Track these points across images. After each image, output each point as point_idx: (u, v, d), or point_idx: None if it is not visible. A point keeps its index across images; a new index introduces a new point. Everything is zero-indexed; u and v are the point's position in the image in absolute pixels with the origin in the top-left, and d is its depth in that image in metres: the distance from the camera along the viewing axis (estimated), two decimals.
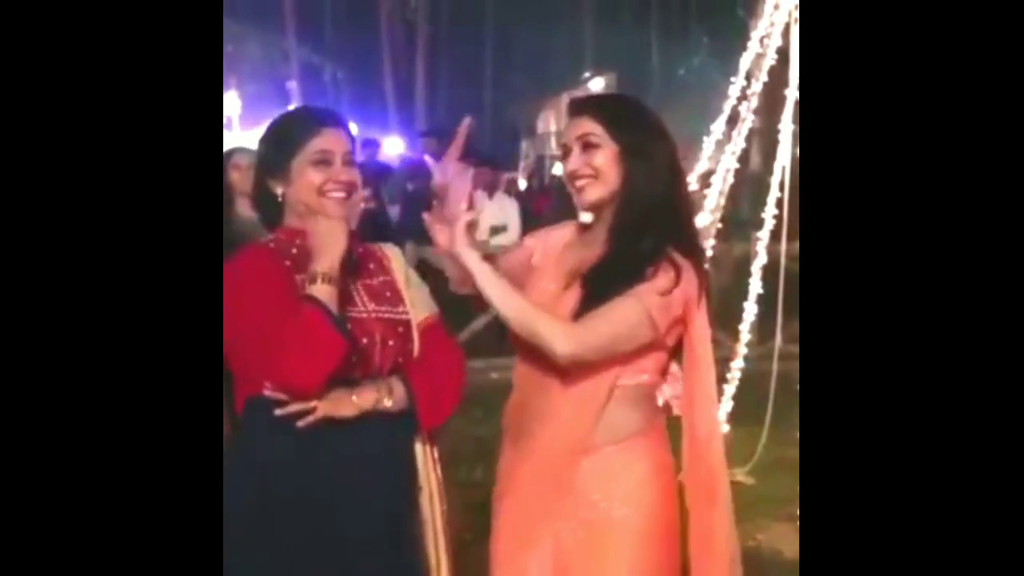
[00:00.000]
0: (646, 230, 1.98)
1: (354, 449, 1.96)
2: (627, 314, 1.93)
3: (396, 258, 2.19)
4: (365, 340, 1.99)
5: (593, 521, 2.02)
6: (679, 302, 1.97)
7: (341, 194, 2.02)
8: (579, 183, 2.04)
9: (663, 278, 1.95)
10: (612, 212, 2.04)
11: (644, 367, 2.03)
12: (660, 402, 2.08)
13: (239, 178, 4.09)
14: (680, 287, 1.96)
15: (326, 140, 2.03)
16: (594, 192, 2.03)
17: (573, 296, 2.01)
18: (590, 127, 2.03)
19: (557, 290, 2.07)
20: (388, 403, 1.97)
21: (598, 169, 2.02)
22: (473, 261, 1.94)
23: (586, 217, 2.15)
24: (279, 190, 2.04)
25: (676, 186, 2.07)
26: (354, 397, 1.94)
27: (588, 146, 2.02)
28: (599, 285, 1.97)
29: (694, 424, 2.08)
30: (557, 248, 2.17)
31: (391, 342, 2.03)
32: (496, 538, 2.12)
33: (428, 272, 2.41)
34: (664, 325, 1.97)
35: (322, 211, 1.99)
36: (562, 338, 1.91)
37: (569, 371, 1.99)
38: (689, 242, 2.05)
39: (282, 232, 2.06)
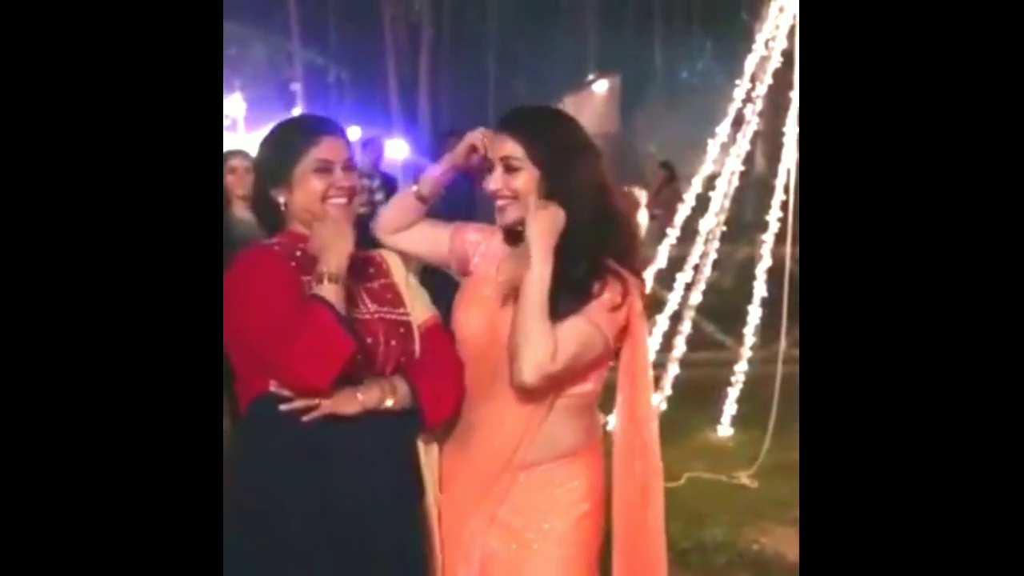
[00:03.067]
0: (579, 252, 1.97)
1: (358, 448, 1.97)
2: (582, 336, 1.94)
3: (395, 263, 2.20)
4: (369, 340, 2.00)
5: (525, 533, 2.03)
6: (625, 313, 1.99)
7: (343, 200, 2.04)
8: (500, 203, 2.04)
9: (611, 292, 1.96)
10: None
11: (588, 376, 2.03)
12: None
13: (234, 181, 4.12)
14: (627, 300, 1.97)
15: (325, 149, 2.04)
16: (514, 213, 2.02)
17: (510, 313, 1.98)
18: (511, 149, 2.00)
19: (496, 304, 2.05)
20: (390, 402, 1.98)
21: (518, 191, 2.01)
22: (542, 245, 1.93)
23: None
24: (281, 199, 2.06)
25: (604, 200, 2.03)
26: (359, 395, 1.95)
27: (509, 168, 2.01)
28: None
29: (633, 430, 2.09)
30: (498, 256, 2.13)
31: (393, 342, 2.04)
32: (440, 544, 2.10)
33: (429, 278, 2.41)
34: (613, 338, 1.99)
35: (324, 216, 2.02)
36: (536, 371, 1.90)
37: (505, 383, 1.98)
38: (627, 251, 2.05)
39: (285, 236, 2.07)
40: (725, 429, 5.37)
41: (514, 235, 2.08)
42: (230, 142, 9.63)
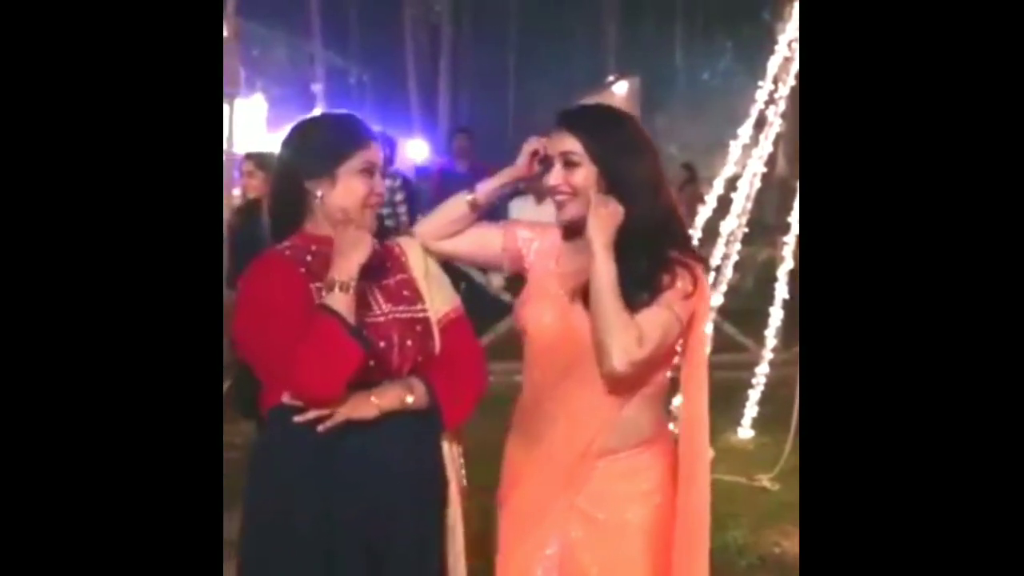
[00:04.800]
0: (639, 247, 2.00)
1: (379, 451, 1.97)
2: (662, 322, 1.98)
3: (413, 251, 2.18)
4: (383, 344, 1.99)
5: (605, 523, 2.05)
6: (695, 301, 2.03)
7: (378, 205, 2.08)
8: (558, 199, 2.07)
9: (682, 281, 2.00)
10: None
11: (662, 364, 2.07)
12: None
13: (255, 185, 4.15)
14: (699, 287, 2.01)
15: (373, 153, 2.07)
16: (572, 210, 2.06)
17: (579, 307, 2.02)
18: (571, 145, 2.04)
19: (565, 299, 2.07)
20: (411, 399, 1.98)
21: (577, 188, 2.04)
22: (604, 239, 1.96)
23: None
24: (318, 192, 2.04)
25: (660, 196, 2.07)
26: (373, 398, 1.95)
27: (569, 164, 2.04)
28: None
29: (699, 415, 2.12)
30: (552, 251, 2.17)
31: (409, 342, 2.04)
32: (503, 539, 2.13)
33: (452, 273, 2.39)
34: (686, 325, 2.03)
35: (359, 221, 2.02)
36: (624, 357, 1.93)
37: (588, 375, 2.00)
38: (686, 243, 2.12)
39: (299, 238, 2.07)
40: (746, 431, 5.34)
41: (571, 230, 2.10)
42: (251, 142, 9.67)
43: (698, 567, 2.09)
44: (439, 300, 2.13)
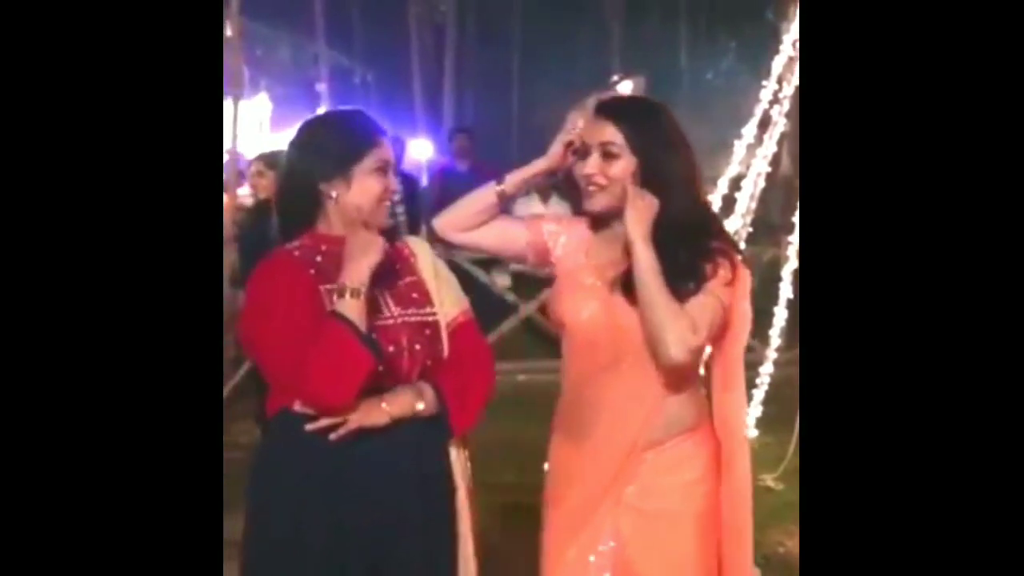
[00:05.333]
0: (676, 240, 2.01)
1: (386, 456, 1.95)
2: (711, 308, 2.01)
3: (423, 252, 2.16)
4: (392, 348, 1.97)
5: (655, 515, 2.06)
6: (734, 289, 2.06)
7: (392, 205, 2.07)
8: (591, 188, 2.06)
9: (723, 269, 2.02)
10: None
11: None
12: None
13: (265, 185, 4.14)
14: (737, 275, 2.04)
15: (385, 150, 2.05)
16: (603, 200, 2.06)
17: (620, 298, 2.03)
18: (612, 135, 2.03)
19: (604, 290, 2.06)
20: (421, 406, 1.97)
21: (613, 179, 2.03)
22: (643, 231, 1.96)
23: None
24: (334, 193, 2.01)
25: (695, 188, 2.10)
26: (384, 404, 1.94)
27: (608, 155, 2.03)
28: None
29: (738, 402, 2.17)
30: (582, 244, 2.16)
31: (418, 346, 2.02)
32: (551, 539, 2.12)
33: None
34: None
35: (374, 220, 2.01)
36: (681, 345, 1.95)
37: (630, 367, 2.02)
38: (721, 232, 2.14)
39: (309, 238, 2.03)
40: (751, 431, 5.34)
41: (598, 220, 2.11)
42: (255, 142, 9.67)
43: (744, 552, 2.12)
44: (448, 302, 2.11)
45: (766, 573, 3.67)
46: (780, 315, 5.48)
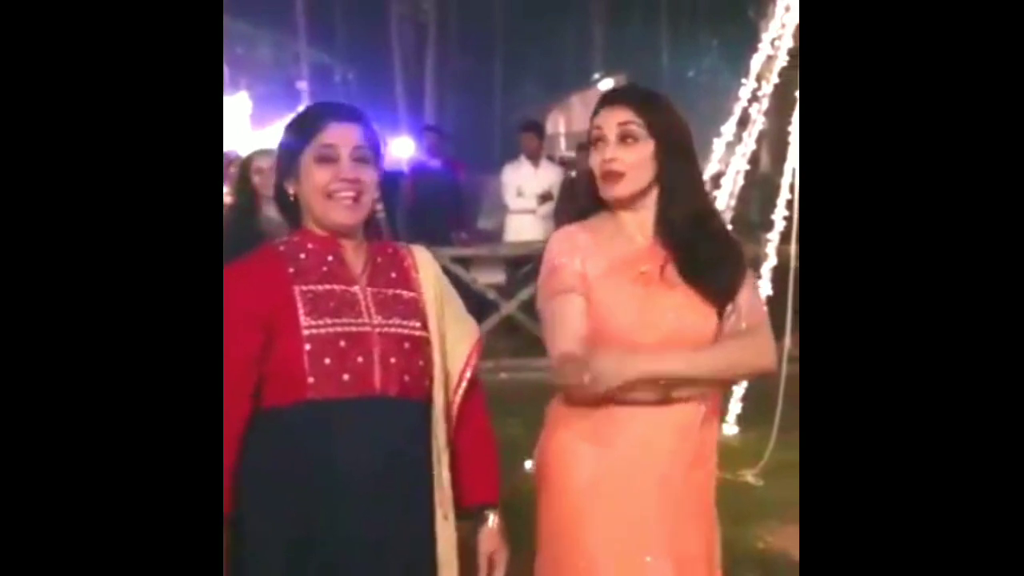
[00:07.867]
0: (709, 234, 2.04)
1: (367, 470, 1.84)
2: (758, 294, 2.13)
3: (426, 267, 2.00)
4: (361, 359, 1.83)
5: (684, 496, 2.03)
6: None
7: (350, 194, 1.85)
8: (612, 174, 2.00)
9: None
10: (658, 207, 2.04)
11: None
12: None
13: (261, 181, 4.09)
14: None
15: (331, 134, 1.87)
16: (626, 186, 2.00)
17: (679, 293, 2.00)
18: (630, 116, 2.00)
19: (639, 291, 2.01)
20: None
21: (632, 164, 1.99)
22: (647, 363, 1.93)
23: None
24: (291, 190, 1.92)
25: (700, 175, 2.18)
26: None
27: (627, 136, 2.00)
28: (718, 280, 2.03)
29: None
30: (607, 250, 2.04)
31: (393, 359, 1.86)
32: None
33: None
34: None
35: (326, 217, 1.87)
36: (771, 355, 2.01)
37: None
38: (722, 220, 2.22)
39: (298, 234, 1.94)
40: (730, 427, 5.36)
41: (589, 225, 2.06)
42: (236, 141, 9.63)
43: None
44: (457, 350, 1.97)
45: (745, 569, 3.70)
46: None
